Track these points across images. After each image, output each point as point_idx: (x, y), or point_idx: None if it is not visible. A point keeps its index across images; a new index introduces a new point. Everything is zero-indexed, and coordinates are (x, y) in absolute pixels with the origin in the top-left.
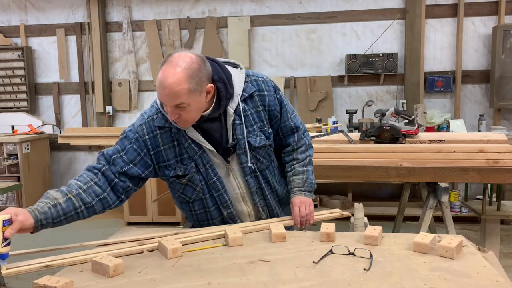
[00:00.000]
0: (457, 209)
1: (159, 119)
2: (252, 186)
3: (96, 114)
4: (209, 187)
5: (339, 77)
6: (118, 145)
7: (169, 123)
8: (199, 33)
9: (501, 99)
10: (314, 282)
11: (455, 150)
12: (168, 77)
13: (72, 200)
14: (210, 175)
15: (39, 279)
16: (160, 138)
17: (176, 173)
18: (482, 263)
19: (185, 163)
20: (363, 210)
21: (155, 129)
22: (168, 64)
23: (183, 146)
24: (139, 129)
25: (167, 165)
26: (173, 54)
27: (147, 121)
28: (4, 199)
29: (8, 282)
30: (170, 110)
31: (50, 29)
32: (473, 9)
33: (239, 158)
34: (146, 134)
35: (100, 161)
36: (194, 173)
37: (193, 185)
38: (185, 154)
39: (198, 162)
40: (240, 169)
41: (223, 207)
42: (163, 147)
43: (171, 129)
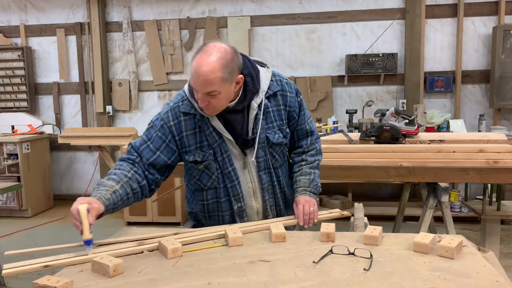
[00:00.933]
0: (457, 209)
1: (185, 106)
2: (265, 182)
3: (96, 114)
4: (224, 177)
5: (339, 77)
6: (145, 135)
7: (194, 109)
8: (199, 33)
9: (501, 99)
10: (314, 282)
11: (455, 150)
12: (203, 65)
13: (124, 186)
14: (226, 165)
15: (39, 279)
16: (184, 124)
17: (195, 158)
18: (482, 263)
19: (204, 150)
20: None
21: (180, 115)
22: (203, 53)
23: (204, 134)
24: (165, 116)
25: (187, 150)
26: (208, 43)
27: (172, 108)
28: (4, 199)
29: (8, 282)
30: (201, 97)
31: (50, 29)
32: (473, 9)
33: (256, 152)
34: (171, 120)
35: (132, 153)
36: (211, 160)
37: (209, 173)
38: (205, 142)
39: (217, 151)
40: (255, 164)
41: (235, 199)
42: (185, 132)
43: (195, 116)
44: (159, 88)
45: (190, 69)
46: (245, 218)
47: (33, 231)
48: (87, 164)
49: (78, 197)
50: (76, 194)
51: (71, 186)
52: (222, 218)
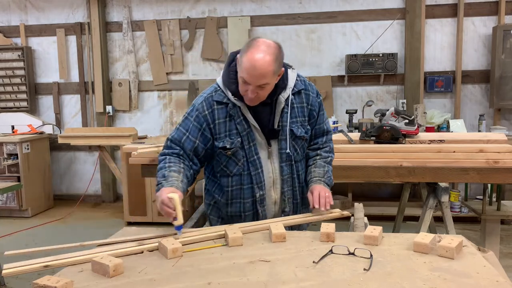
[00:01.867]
0: (457, 209)
1: (218, 95)
2: (285, 174)
3: (96, 114)
4: (249, 164)
5: (339, 77)
6: (182, 127)
7: (226, 99)
8: (199, 33)
9: (501, 99)
10: (314, 282)
11: (455, 150)
12: (260, 60)
13: (183, 176)
14: (252, 153)
15: (39, 279)
16: (217, 112)
17: (224, 145)
18: (482, 263)
19: (232, 137)
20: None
21: (213, 104)
22: (256, 48)
23: (234, 122)
24: (199, 106)
25: (218, 137)
26: (257, 39)
27: (206, 98)
28: (4, 199)
29: (8, 282)
30: (252, 89)
31: (50, 29)
32: (473, 9)
33: (280, 143)
34: (206, 110)
35: (174, 147)
36: (238, 148)
37: (235, 160)
38: (234, 130)
39: (244, 139)
40: (278, 155)
41: (258, 187)
42: (218, 120)
43: (227, 105)
44: (159, 88)
45: (241, 63)
46: (264, 207)
47: (33, 231)
48: (87, 164)
49: (78, 197)
50: (76, 194)
51: (71, 186)
52: (243, 205)
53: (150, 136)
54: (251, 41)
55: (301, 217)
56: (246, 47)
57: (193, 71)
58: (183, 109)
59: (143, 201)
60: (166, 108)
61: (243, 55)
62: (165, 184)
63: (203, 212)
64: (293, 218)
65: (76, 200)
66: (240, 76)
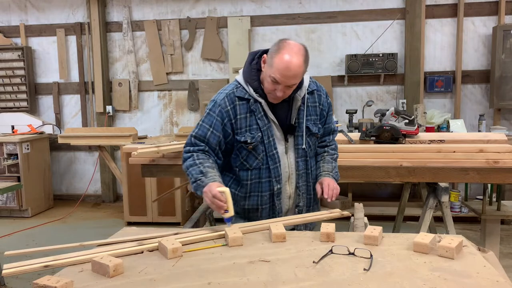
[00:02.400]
0: (457, 209)
1: (240, 91)
2: (301, 169)
3: (96, 114)
4: (268, 158)
5: (339, 77)
6: (205, 123)
7: (248, 95)
8: (199, 33)
9: (501, 99)
10: (314, 282)
11: (455, 150)
12: (293, 61)
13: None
14: (271, 148)
15: (39, 279)
16: (239, 108)
17: (245, 139)
18: (482, 263)
19: (253, 132)
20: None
21: (235, 100)
22: (289, 50)
23: (255, 117)
24: (222, 102)
25: (238, 132)
26: (286, 41)
27: (228, 94)
28: (4, 199)
29: (8, 282)
30: (281, 88)
31: (50, 29)
32: (473, 9)
33: (296, 139)
34: (228, 105)
35: (199, 143)
36: (259, 142)
37: (255, 154)
38: (254, 125)
39: (264, 134)
40: (294, 150)
41: (276, 181)
42: (239, 116)
43: (248, 101)
44: (159, 88)
45: (272, 63)
46: (280, 201)
47: (33, 231)
48: (87, 164)
49: (78, 197)
50: (76, 194)
51: (71, 186)
52: (261, 198)
53: (150, 136)
54: (281, 43)
55: (301, 217)
56: (278, 49)
57: (193, 71)
58: (183, 109)
59: (143, 201)
60: (166, 108)
61: (275, 56)
62: (205, 180)
63: (203, 212)
64: (293, 218)
65: (76, 200)
66: (269, 75)
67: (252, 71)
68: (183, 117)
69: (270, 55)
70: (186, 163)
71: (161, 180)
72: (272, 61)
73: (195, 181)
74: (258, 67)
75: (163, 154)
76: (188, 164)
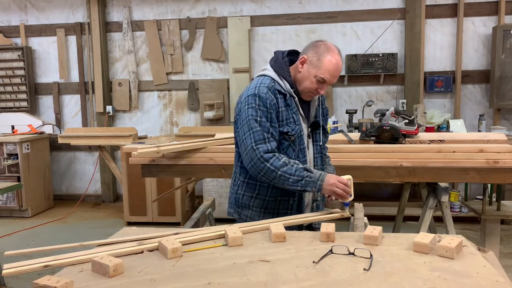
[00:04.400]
0: (457, 209)
1: (277, 86)
2: (319, 165)
3: (96, 114)
4: (299, 152)
5: (339, 77)
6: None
7: (284, 90)
8: (199, 33)
9: (501, 99)
10: (314, 282)
11: (455, 150)
12: (340, 63)
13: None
14: (302, 141)
15: (39, 279)
16: (280, 100)
17: (287, 130)
18: (482, 263)
19: (291, 125)
20: (363, 210)
21: (276, 93)
22: (335, 52)
23: (291, 111)
24: (268, 95)
25: (281, 124)
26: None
27: (269, 88)
28: (4, 199)
29: (8, 282)
30: (325, 86)
31: (50, 29)
32: (473, 9)
33: (315, 136)
34: (273, 98)
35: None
36: (297, 135)
37: (294, 146)
38: (291, 118)
39: (299, 127)
40: (313, 146)
41: None
42: (281, 108)
43: (285, 95)
44: (159, 88)
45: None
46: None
47: (33, 231)
48: (87, 164)
49: (78, 197)
50: (76, 194)
51: (71, 186)
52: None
53: (150, 136)
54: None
55: (301, 217)
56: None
57: (193, 71)
58: (183, 109)
59: (143, 201)
60: (166, 108)
61: (322, 57)
62: (314, 175)
63: (203, 212)
64: (294, 218)
65: (76, 200)
66: (315, 76)
67: (286, 68)
68: (183, 117)
69: (316, 57)
70: (275, 163)
71: (161, 180)
72: (319, 63)
73: (302, 179)
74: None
75: (163, 154)
76: (278, 164)
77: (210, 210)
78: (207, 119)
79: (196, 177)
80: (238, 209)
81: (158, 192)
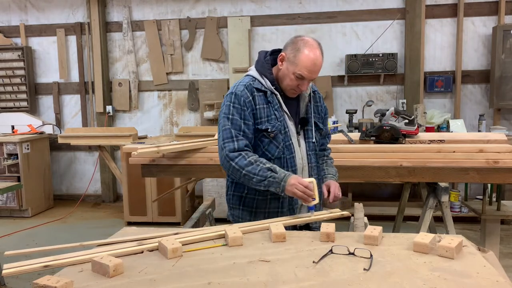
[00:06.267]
0: (457, 209)
1: (257, 84)
2: (313, 162)
3: (96, 114)
4: (285, 148)
5: (339, 77)
6: (235, 115)
7: (264, 87)
8: (199, 33)
9: (501, 99)
10: (314, 282)
11: (455, 150)
12: (318, 57)
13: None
14: (287, 138)
15: (39, 279)
16: (257, 98)
17: (266, 127)
18: (482, 263)
19: (272, 122)
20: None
21: (254, 91)
22: (312, 47)
23: (272, 108)
24: (243, 93)
25: (259, 121)
26: (302, 38)
27: (246, 86)
28: (4, 199)
29: (8, 282)
30: (306, 83)
31: (50, 29)
32: (473, 9)
33: (307, 133)
34: (249, 96)
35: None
36: (278, 131)
37: (276, 143)
38: (272, 115)
39: (282, 124)
40: (305, 143)
41: (292, 170)
42: (258, 106)
43: (265, 93)
44: (159, 88)
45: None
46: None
47: (33, 231)
48: (87, 164)
49: (78, 197)
50: (76, 194)
51: (71, 186)
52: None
53: (150, 136)
54: (299, 41)
55: (301, 217)
56: (298, 47)
57: (193, 71)
58: (183, 109)
59: (143, 201)
60: (166, 108)
61: (298, 53)
62: (278, 175)
63: (203, 212)
64: (293, 217)
65: (76, 200)
66: (293, 72)
67: (267, 66)
68: (183, 117)
69: (292, 53)
70: (239, 163)
71: (161, 180)
72: (295, 59)
73: (265, 179)
74: (271, 63)
75: (163, 154)
76: (242, 163)
77: (210, 210)
78: (207, 119)
79: (196, 177)
80: (231, 210)
81: (158, 192)
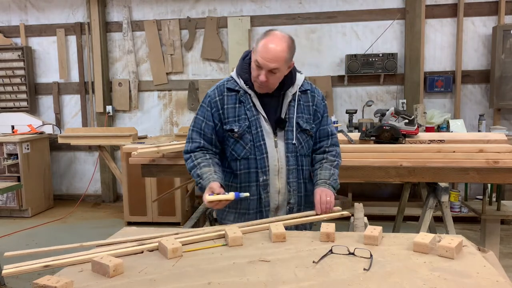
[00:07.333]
0: (457, 209)
1: (230, 84)
2: (291, 164)
3: (96, 114)
4: (255, 149)
5: (339, 77)
6: (199, 115)
7: (238, 87)
8: (199, 33)
9: (501, 99)
10: (314, 282)
11: (455, 150)
12: (274, 44)
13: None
14: (259, 139)
15: (39, 279)
16: (227, 99)
17: (231, 127)
18: (482, 263)
19: (240, 122)
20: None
21: (224, 91)
22: (273, 36)
23: (244, 108)
24: (212, 93)
25: (226, 121)
26: (272, 30)
27: (218, 87)
28: (4, 199)
29: (8, 282)
30: (264, 73)
31: (50, 29)
32: (473, 9)
33: (286, 134)
34: (217, 96)
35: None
36: (246, 131)
37: (243, 143)
38: (243, 115)
39: (252, 124)
40: (284, 145)
41: (261, 172)
42: (227, 105)
43: (238, 92)
44: (159, 88)
45: (256, 48)
46: (268, 194)
47: (33, 231)
48: (87, 164)
49: (78, 197)
50: (76, 194)
51: (71, 186)
52: (249, 189)
53: (150, 136)
54: (267, 32)
55: (302, 217)
56: (263, 35)
57: (193, 71)
58: (183, 109)
59: (143, 201)
60: (166, 108)
61: (259, 41)
62: (203, 183)
63: (203, 212)
64: (293, 217)
65: (76, 200)
66: (254, 60)
67: (244, 65)
68: (183, 117)
69: (256, 43)
70: (187, 166)
71: (161, 180)
72: (257, 46)
73: (197, 185)
74: (249, 62)
75: (163, 154)
76: (188, 167)
77: (209, 210)
78: None
79: None
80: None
81: (158, 192)
